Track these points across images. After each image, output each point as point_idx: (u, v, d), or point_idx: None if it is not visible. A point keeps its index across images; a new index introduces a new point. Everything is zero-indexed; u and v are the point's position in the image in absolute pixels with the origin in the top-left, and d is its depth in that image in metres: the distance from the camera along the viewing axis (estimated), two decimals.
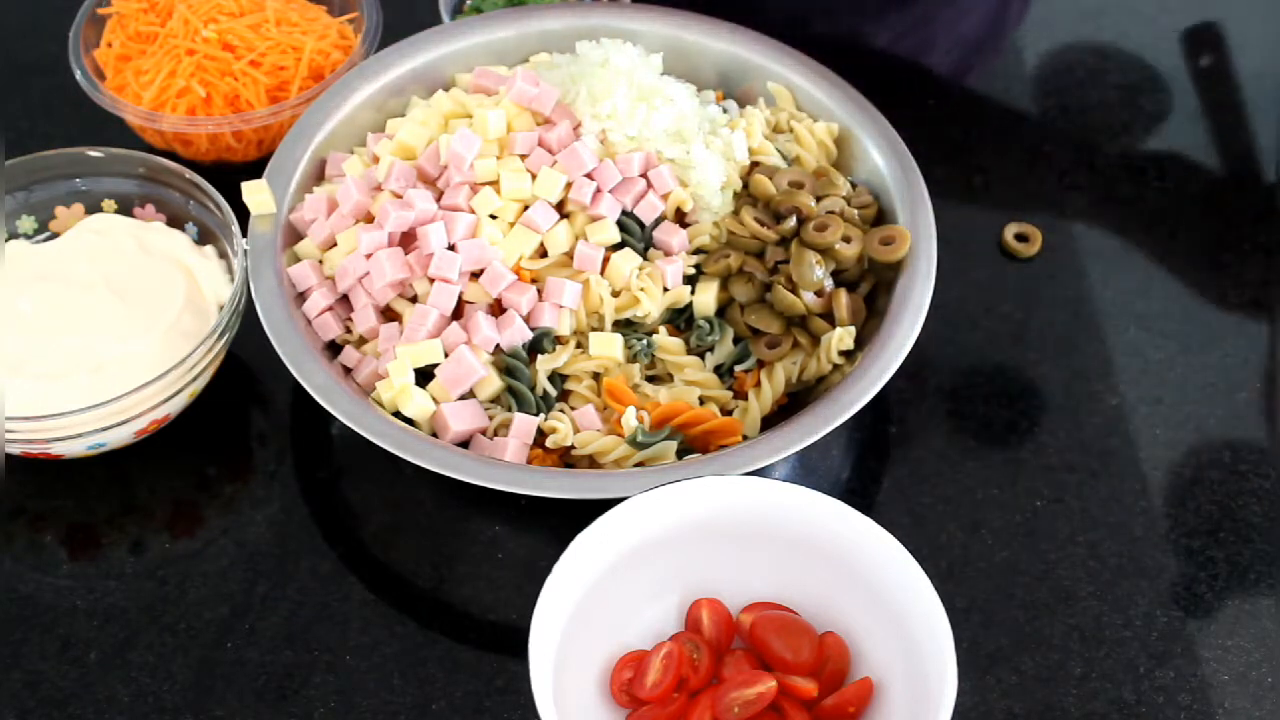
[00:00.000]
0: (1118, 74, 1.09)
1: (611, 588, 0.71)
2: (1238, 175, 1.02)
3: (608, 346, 0.82)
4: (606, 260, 0.84)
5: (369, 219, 0.86)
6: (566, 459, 0.82)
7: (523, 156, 0.86)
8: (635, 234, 0.85)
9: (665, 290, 0.84)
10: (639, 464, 0.79)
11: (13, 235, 0.90)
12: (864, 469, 0.87)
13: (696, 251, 0.86)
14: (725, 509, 0.72)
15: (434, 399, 0.80)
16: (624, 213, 0.86)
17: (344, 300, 0.85)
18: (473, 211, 0.85)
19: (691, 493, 0.71)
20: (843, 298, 0.83)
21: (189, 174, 0.89)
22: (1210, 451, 0.87)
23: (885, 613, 0.70)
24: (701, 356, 0.85)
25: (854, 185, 0.90)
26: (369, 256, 0.83)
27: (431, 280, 0.83)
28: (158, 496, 0.84)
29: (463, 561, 0.82)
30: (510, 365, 0.82)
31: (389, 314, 0.85)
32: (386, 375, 0.80)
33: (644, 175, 0.87)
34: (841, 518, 0.71)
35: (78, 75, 0.97)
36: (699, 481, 0.71)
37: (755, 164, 0.90)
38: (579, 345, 0.84)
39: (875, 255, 0.84)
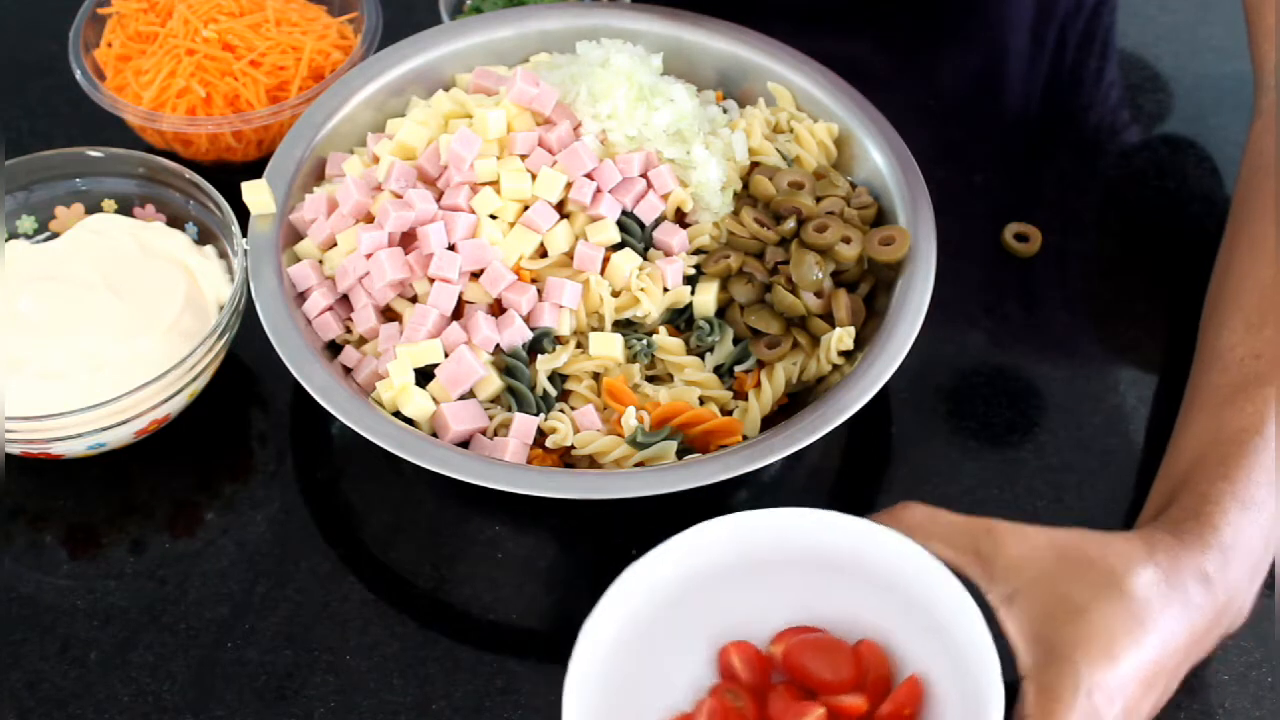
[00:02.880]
0: (1118, 74, 1.09)
1: (636, 661, 0.68)
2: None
3: (608, 346, 0.82)
4: (606, 260, 0.84)
5: (369, 219, 0.86)
6: (566, 459, 0.82)
7: (523, 156, 0.86)
8: (635, 234, 0.85)
9: (665, 290, 0.84)
10: (639, 464, 0.79)
11: (13, 235, 0.90)
12: (864, 469, 0.87)
13: (696, 252, 0.86)
14: (737, 547, 0.70)
15: (434, 399, 0.80)
16: (624, 213, 0.86)
17: (344, 300, 0.85)
18: (473, 211, 0.84)
19: (699, 539, 0.69)
20: (843, 298, 0.83)
21: (189, 174, 0.89)
22: None
23: (913, 610, 0.68)
24: (701, 357, 0.85)
25: (854, 185, 0.90)
26: (369, 256, 0.83)
27: (431, 280, 0.83)
28: (158, 496, 0.84)
29: (463, 561, 0.82)
30: (510, 365, 0.82)
31: (389, 314, 0.85)
32: (386, 375, 0.80)
33: (644, 175, 0.87)
34: (861, 534, 0.68)
35: (78, 75, 0.97)
36: (707, 527, 0.69)
37: (755, 164, 0.89)
38: (579, 345, 0.84)
39: (875, 255, 0.84)
